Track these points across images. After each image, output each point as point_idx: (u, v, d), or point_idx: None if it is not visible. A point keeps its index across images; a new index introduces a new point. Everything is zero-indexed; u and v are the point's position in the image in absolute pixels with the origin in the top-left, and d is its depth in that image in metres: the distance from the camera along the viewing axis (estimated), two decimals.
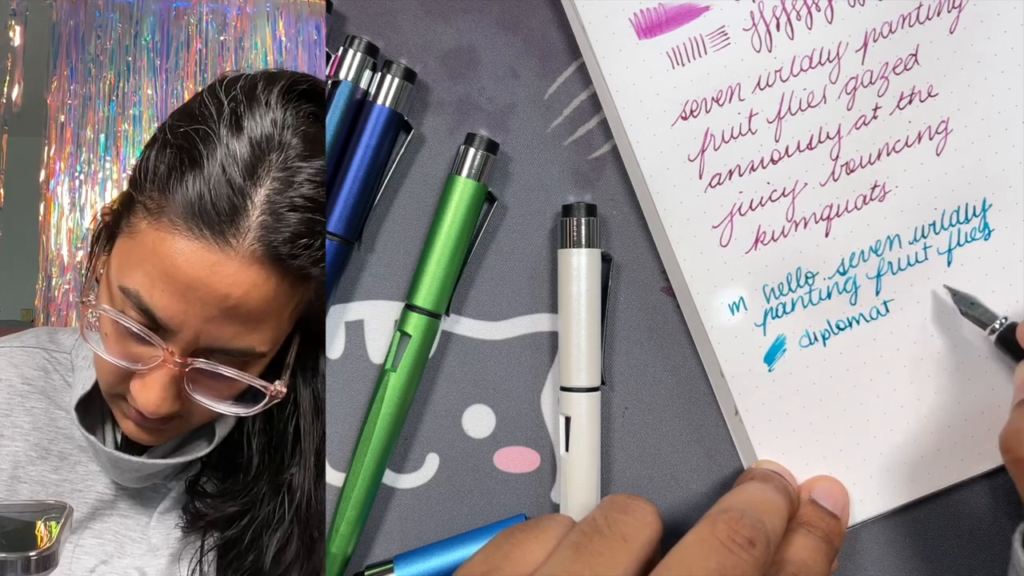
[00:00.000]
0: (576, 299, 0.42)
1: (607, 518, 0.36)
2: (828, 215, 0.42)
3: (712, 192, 0.42)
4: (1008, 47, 0.41)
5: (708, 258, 0.42)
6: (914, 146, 0.42)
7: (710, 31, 0.42)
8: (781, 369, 0.42)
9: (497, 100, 0.45)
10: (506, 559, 0.36)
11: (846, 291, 0.42)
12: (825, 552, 0.38)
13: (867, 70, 0.42)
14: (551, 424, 0.44)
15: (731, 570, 0.33)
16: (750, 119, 0.42)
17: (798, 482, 0.41)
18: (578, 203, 0.42)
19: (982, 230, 0.42)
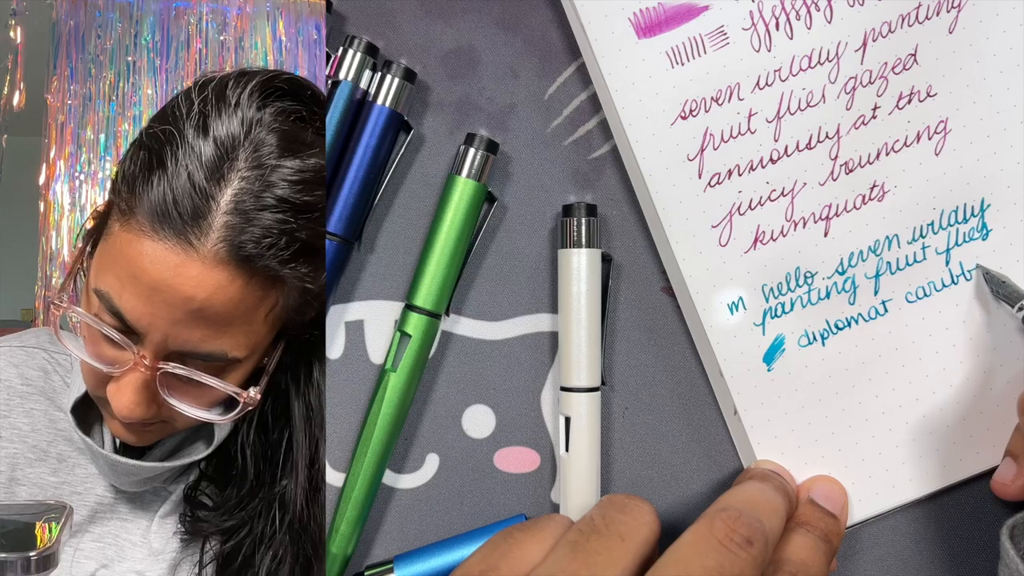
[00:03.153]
0: (576, 299, 0.42)
1: (605, 517, 0.36)
2: (827, 215, 0.42)
3: (711, 192, 0.42)
4: (1007, 47, 0.41)
5: (707, 258, 0.42)
6: (913, 146, 0.42)
7: (709, 31, 0.42)
8: (780, 369, 0.42)
9: (497, 100, 0.45)
10: (503, 559, 0.36)
11: (845, 291, 0.42)
12: (824, 552, 0.38)
13: (866, 70, 0.42)
14: (551, 424, 0.44)
15: (728, 569, 0.33)
16: (749, 119, 0.42)
17: (797, 482, 0.41)
18: (578, 203, 0.42)
19: (980, 230, 0.42)
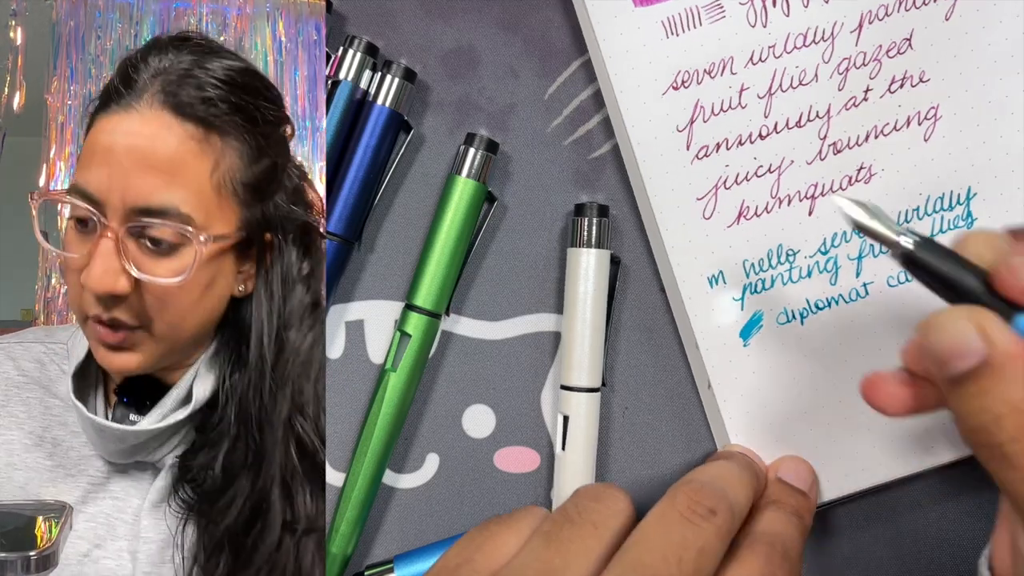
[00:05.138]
0: (582, 299, 0.42)
1: (578, 507, 0.36)
2: (813, 194, 0.42)
3: (698, 164, 0.42)
4: (1002, 37, 0.41)
5: (690, 230, 0.42)
6: (902, 130, 0.42)
7: (706, 3, 0.42)
8: (756, 345, 0.42)
9: (497, 100, 0.45)
10: (479, 551, 0.36)
11: (827, 271, 0.42)
12: (797, 526, 0.37)
13: (860, 51, 0.42)
14: (551, 424, 0.44)
15: (692, 541, 0.33)
16: (740, 93, 0.42)
17: (767, 463, 0.41)
18: (590, 203, 0.42)
19: (965, 218, 0.41)
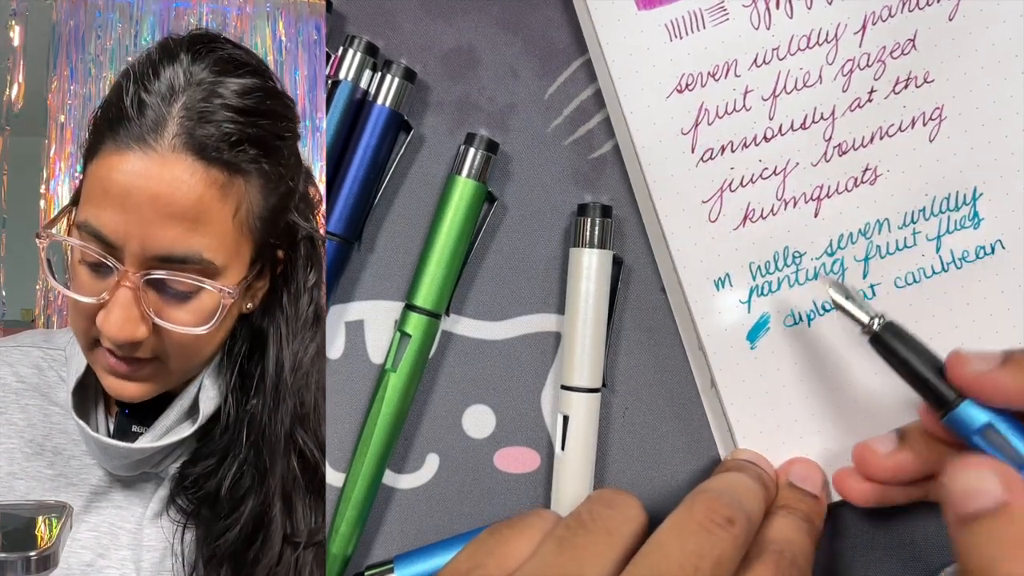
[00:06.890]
0: (584, 299, 0.42)
1: (591, 512, 0.36)
2: (818, 196, 0.42)
3: (703, 167, 0.42)
4: (1006, 37, 0.41)
5: (696, 233, 0.42)
6: (907, 131, 0.42)
7: (710, 5, 0.42)
8: (763, 347, 0.42)
9: (497, 100, 0.45)
10: (491, 555, 0.36)
11: (833, 272, 0.42)
12: (807, 531, 0.38)
13: (864, 53, 0.42)
14: (551, 425, 0.44)
15: (709, 551, 0.33)
16: (745, 96, 0.42)
17: (775, 466, 0.41)
18: (594, 203, 0.42)
19: (972, 219, 0.41)
